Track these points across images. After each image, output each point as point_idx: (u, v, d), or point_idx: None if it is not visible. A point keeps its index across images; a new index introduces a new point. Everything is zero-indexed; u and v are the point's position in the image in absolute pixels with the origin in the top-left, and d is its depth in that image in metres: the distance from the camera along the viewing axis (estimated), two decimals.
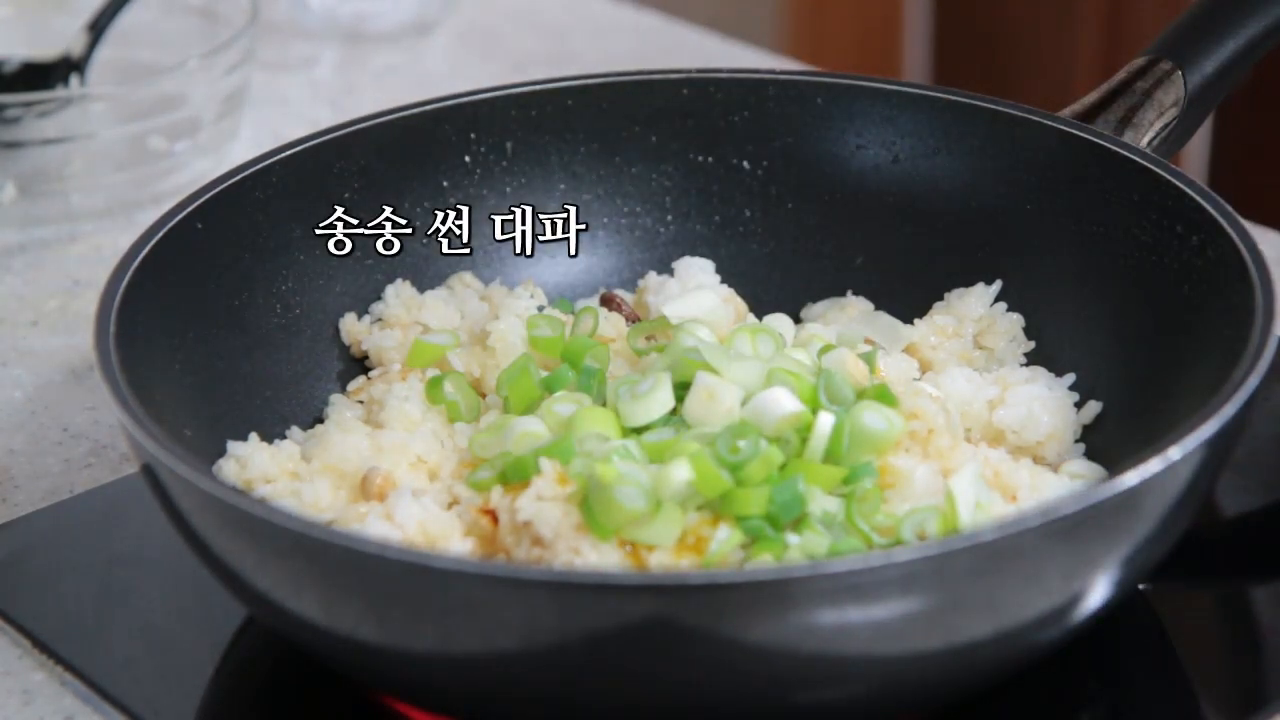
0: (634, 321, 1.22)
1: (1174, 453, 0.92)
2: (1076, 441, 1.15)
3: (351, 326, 1.22)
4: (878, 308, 1.25)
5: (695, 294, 1.22)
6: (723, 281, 1.26)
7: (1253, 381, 0.97)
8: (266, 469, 1.09)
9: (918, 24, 2.72)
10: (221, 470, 1.09)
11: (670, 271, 1.27)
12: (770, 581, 0.86)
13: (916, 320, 1.22)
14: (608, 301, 1.24)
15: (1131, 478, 0.91)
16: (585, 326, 1.18)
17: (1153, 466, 0.92)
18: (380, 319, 1.22)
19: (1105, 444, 1.14)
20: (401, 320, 1.21)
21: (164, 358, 1.09)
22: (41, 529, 1.17)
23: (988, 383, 1.15)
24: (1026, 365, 1.20)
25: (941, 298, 1.23)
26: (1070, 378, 1.18)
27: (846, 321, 1.23)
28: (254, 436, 1.12)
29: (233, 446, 1.10)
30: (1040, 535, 0.89)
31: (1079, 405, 1.16)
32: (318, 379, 1.20)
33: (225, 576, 0.98)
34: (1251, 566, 1.13)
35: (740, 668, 0.89)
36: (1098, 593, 0.95)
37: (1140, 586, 1.08)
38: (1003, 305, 1.22)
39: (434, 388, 1.14)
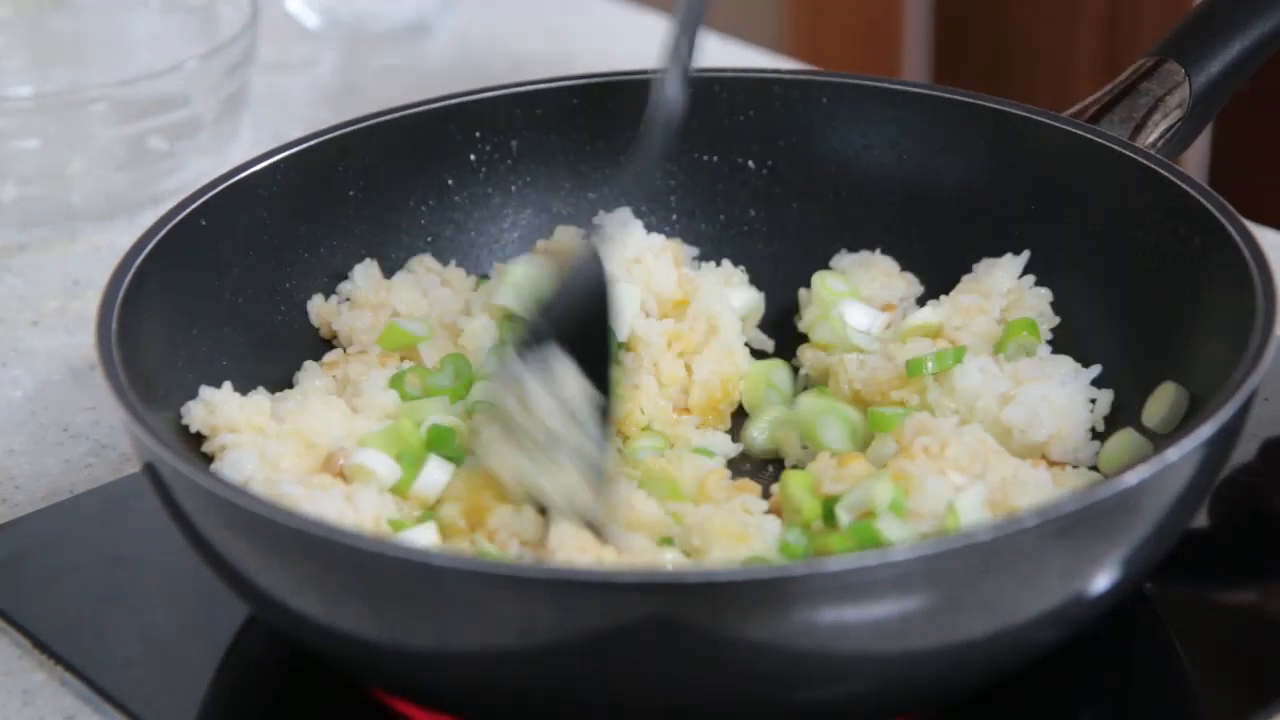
0: None
1: (1172, 454, 0.92)
2: (1095, 438, 1.14)
3: (320, 308, 1.21)
4: None
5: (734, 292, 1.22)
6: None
7: (1252, 382, 0.97)
8: (233, 418, 1.09)
9: (918, 24, 2.72)
10: (189, 411, 1.09)
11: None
12: (767, 580, 0.86)
13: (942, 297, 1.21)
14: None
15: (1130, 478, 0.91)
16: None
17: (1151, 467, 0.92)
18: (349, 299, 1.22)
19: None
20: (370, 301, 1.21)
21: (166, 355, 1.09)
22: (41, 529, 1.17)
23: (1002, 376, 1.15)
24: (1052, 352, 1.18)
25: (957, 282, 1.22)
26: (1095, 369, 1.16)
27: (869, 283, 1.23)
28: (228, 385, 1.11)
29: (205, 391, 1.10)
30: (1038, 535, 0.89)
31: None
32: None
33: (227, 575, 0.98)
34: (1253, 566, 1.13)
35: (738, 667, 0.89)
36: (1097, 592, 0.95)
37: (1143, 586, 1.08)
38: (1030, 278, 1.21)
39: (397, 382, 1.14)
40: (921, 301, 1.24)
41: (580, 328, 1.06)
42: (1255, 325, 1.01)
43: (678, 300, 1.22)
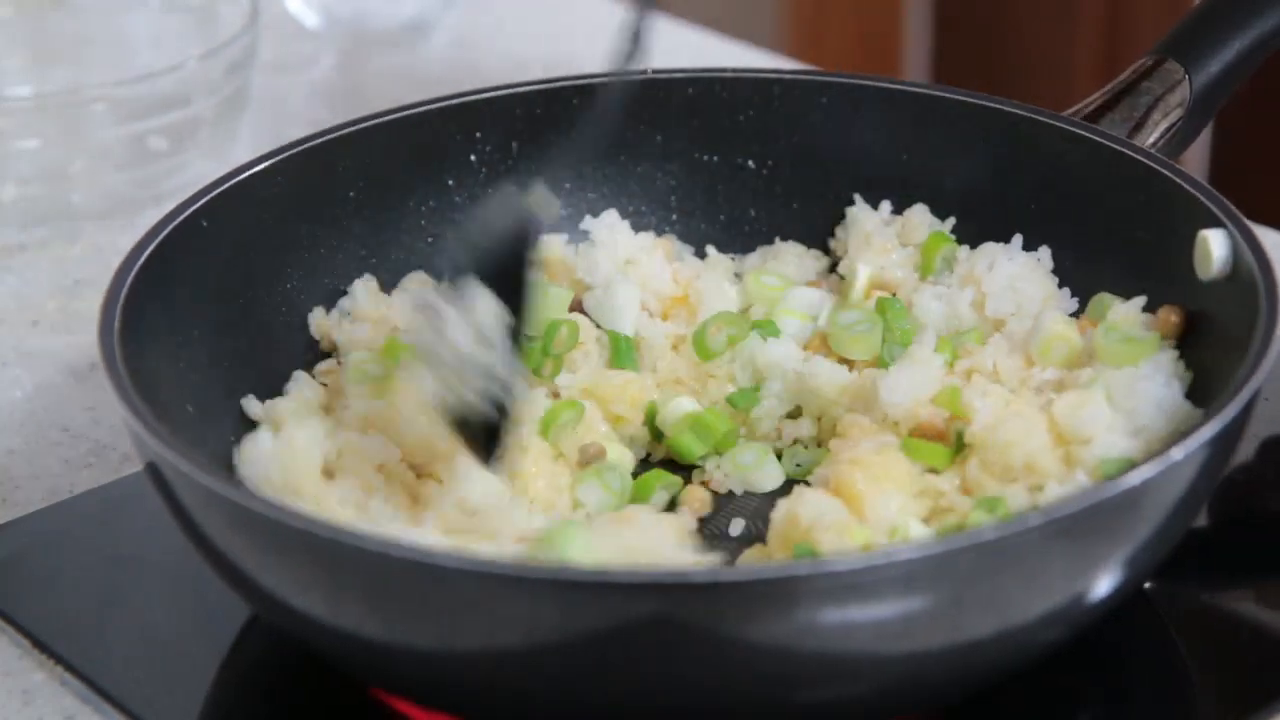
0: None
1: (1176, 453, 0.93)
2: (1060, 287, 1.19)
3: (320, 321, 1.21)
4: None
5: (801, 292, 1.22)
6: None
7: (1255, 382, 0.97)
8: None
9: (918, 24, 2.72)
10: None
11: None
12: (772, 580, 0.86)
13: (847, 259, 1.23)
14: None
15: (1133, 478, 0.91)
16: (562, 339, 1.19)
17: (1154, 467, 0.92)
18: (349, 313, 1.22)
19: None
20: (370, 315, 1.21)
21: (168, 356, 1.09)
22: (41, 529, 1.17)
23: (955, 289, 1.18)
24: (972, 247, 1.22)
25: None
26: (1018, 236, 1.20)
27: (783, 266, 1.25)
28: (264, 433, 1.11)
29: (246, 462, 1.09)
30: (1042, 535, 0.89)
31: None
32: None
33: (229, 574, 0.98)
34: (1253, 566, 1.13)
35: (742, 666, 0.89)
36: (1100, 592, 0.95)
37: (1144, 585, 1.08)
38: (887, 206, 1.24)
39: (357, 371, 1.14)
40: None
41: (500, 267, 1.08)
42: (1257, 325, 1.01)
43: (677, 297, 1.22)
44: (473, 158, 1.27)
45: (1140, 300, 1.13)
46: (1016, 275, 1.18)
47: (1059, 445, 1.05)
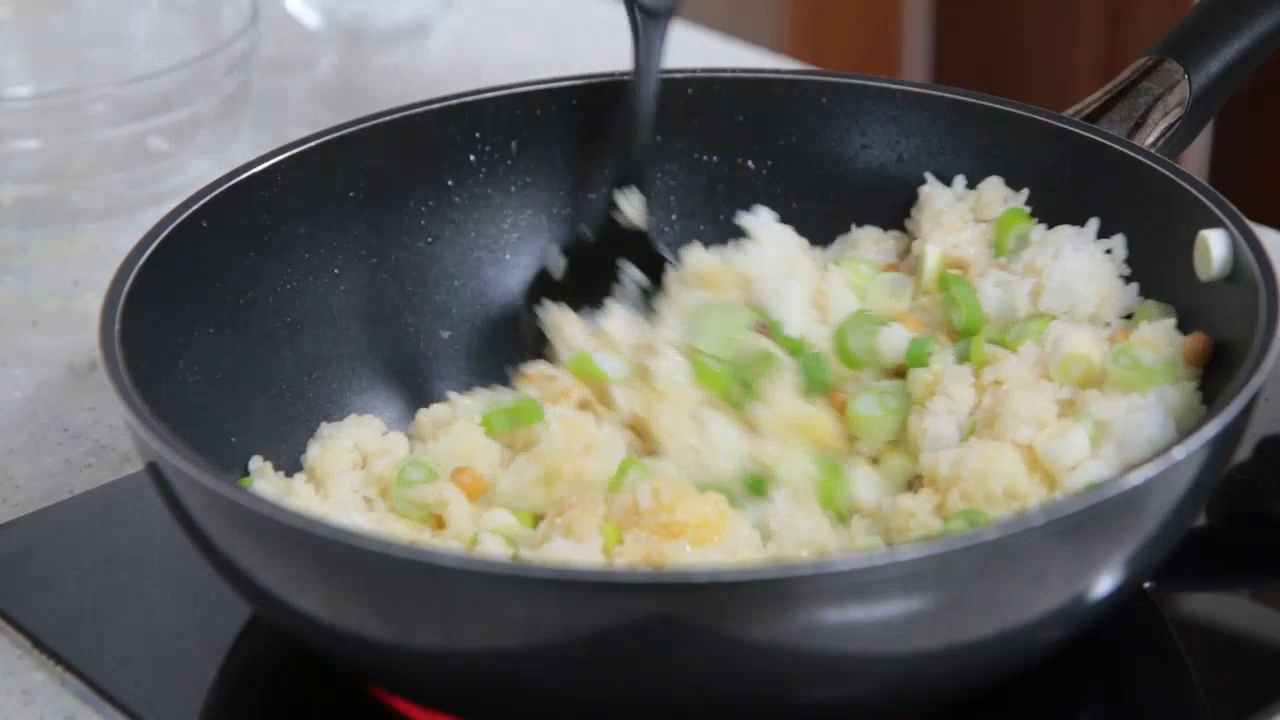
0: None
1: (1178, 452, 0.92)
2: (1128, 282, 1.16)
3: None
4: None
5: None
6: None
7: (1256, 381, 0.97)
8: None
9: (918, 24, 2.72)
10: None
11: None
12: (774, 580, 0.86)
13: (929, 247, 1.21)
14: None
15: (1135, 477, 0.91)
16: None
17: (1156, 466, 0.92)
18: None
19: None
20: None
21: (168, 357, 1.09)
22: (41, 529, 1.17)
23: (1018, 277, 1.15)
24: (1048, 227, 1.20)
25: None
26: (1094, 222, 1.17)
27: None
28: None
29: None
30: (1044, 534, 0.89)
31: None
32: (321, 378, 1.20)
33: (230, 574, 0.98)
34: (1254, 565, 1.13)
35: (744, 666, 0.89)
36: (1100, 592, 0.95)
37: (1144, 585, 1.08)
38: (961, 180, 1.23)
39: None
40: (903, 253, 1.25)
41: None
42: (1259, 324, 1.01)
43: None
44: (472, 158, 1.27)
45: (1170, 321, 1.12)
46: (1074, 272, 1.14)
47: (1034, 471, 1.05)
